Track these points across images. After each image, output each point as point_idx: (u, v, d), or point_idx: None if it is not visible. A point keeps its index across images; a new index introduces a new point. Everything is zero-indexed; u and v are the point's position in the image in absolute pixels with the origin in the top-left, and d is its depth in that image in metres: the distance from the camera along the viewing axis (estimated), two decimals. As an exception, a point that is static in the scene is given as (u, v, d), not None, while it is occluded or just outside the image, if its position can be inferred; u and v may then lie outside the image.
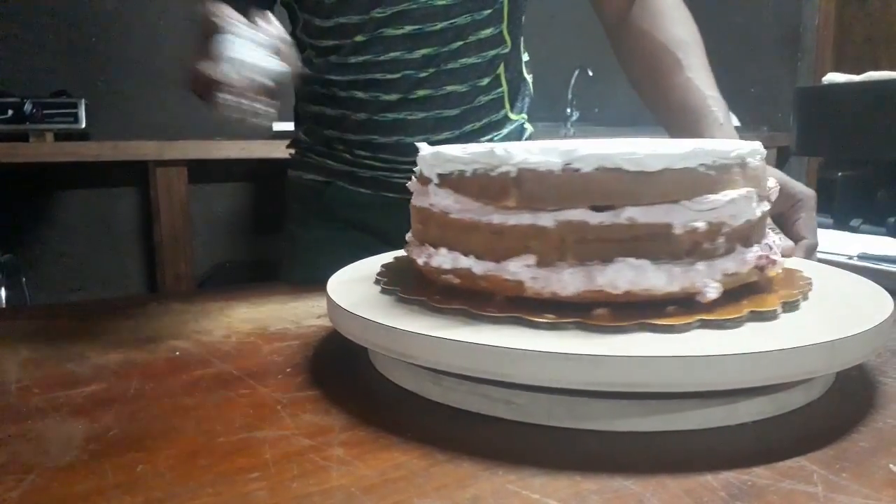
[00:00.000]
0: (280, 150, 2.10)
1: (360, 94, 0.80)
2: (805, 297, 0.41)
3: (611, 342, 0.34)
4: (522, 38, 0.88)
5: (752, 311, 0.37)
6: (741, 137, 0.65)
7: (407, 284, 0.45)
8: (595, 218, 0.37)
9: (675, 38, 0.75)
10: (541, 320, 0.36)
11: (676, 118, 0.71)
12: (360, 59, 0.78)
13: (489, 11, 0.79)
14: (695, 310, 0.37)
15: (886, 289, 0.43)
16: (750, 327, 0.36)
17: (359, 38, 0.77)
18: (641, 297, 0.37)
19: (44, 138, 1.77)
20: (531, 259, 0.38)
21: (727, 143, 0.41)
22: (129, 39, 2.12)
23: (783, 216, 0.60)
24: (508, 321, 0.37)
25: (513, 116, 0.88)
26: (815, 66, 3.13)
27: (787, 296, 0.40)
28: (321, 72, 0.81)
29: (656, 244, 0.37)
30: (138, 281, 2.20)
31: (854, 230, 1.23)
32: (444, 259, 0.43)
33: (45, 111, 1.77)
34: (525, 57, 0.90)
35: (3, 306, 1.73)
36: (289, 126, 2.22)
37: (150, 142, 1.90)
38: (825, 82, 1.81)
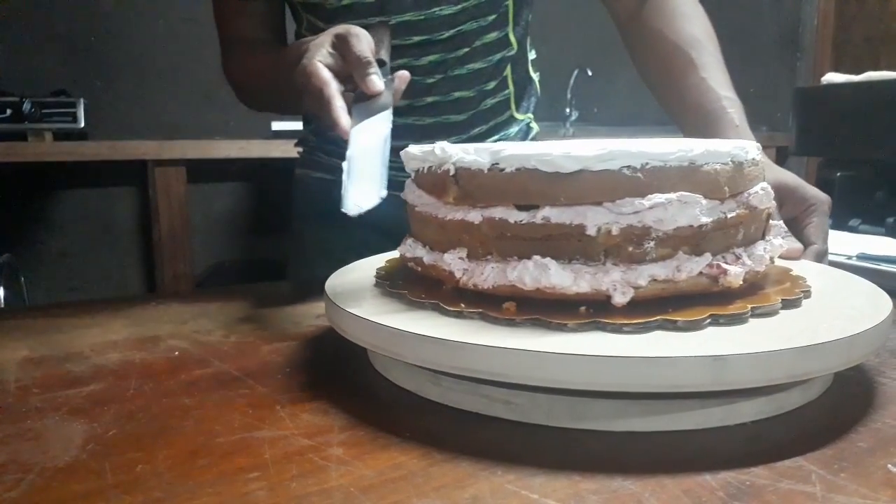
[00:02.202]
0: (278, 150, 2.10)
1: None
2: (772, 313, 0.38)
3: (495, 334, 0.35)
4: (529, 38, 0.88)
5: (665, 319, 0.36)
6: (740, 137, 0.64)
7: (395, 276, 0.48)
8: (515, 216, 0.39)
9: (689, 36, 0.74)
10: (451, 308, 0.39)
11: (691, 120, 0.70)
12: None
13: (494, 16, 0.79)
14: (606, 312, 0.37)
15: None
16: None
17: None
18: (552, 295, 0.38)
19: (42, 138, 1.76)
20: (463, 252, 0.41)
21: (674, 143, 0.39)
22: (129, 39, 2.12)
23: (795, 220, 0.59)
24: (430, 307, 0.40)
25: (518, 116, 0.88)
26: (814, 66, 3.14)
27: (739, 308, 0.38)
28: None
29: (569, 244, 0.38)
30: (137, 280, 2.20)
31: (853, 230, 1.24)
32: (407, 248, 0.47)
33: (43, 111, 1.77)
34: (532, 55, 0.90)
35: (2, 306, 1.73)
36: (288, 126, 2.20)
37: (148, 141, 1.90)
38: (824, 82, 1.81)
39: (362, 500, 0.29)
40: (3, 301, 1.73)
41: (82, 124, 1.83)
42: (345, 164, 0.49)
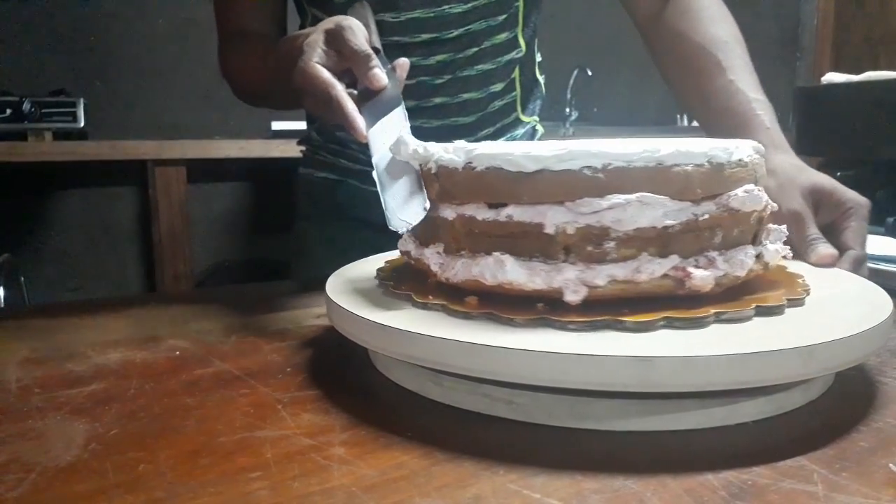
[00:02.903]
0: (278, 149, 2.10)
1: None
2: (742, 319, 0.37)
3: (446, 325, 0.37)
4: (536, 40, 0.88)
5: (615, 319, 0.35)
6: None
7: (392, 272, 0.49)
8: (483, 213, 0.40)
9: (714, 38, 0.72)
10: (420, 300, 0.41)
11: (719, 123, 0.68)
12: None
13: (504, 16, 0.79)
14: (562, 310, 0.37)
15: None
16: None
17: None
18: (511, 291, 0.39)
19: (42, 137, 1.77)
20: (440, 247, 0.43)
21: (641, 143, 0.38)
22: (128, 39, 2.12)
23: (833, 224, 0.57)
24: (404, 298, 0.43)
25: (524, 118, 0.88)
26: (813, 66, 3.14)
27: (701, 312, 0.37)
28: None
29: (530, 242, 0.39)
30: (137, 280, 2.20)
31: (853, 230, 1.23)
32: (402, 241, 0.49)
33: (43, 110, 1.77)
34: (538, 58, 0.90)
35: (2, 306, 1.72)
36: (288, 125, 2.20)
37: (148, 141, 1.90)
38: (824, 82, 1.81)
39: (364, 500, 0.29)
40: (3, 301, 1.73)
41: (82, 124, 1.83)
42: (375, 175, 0.48)
